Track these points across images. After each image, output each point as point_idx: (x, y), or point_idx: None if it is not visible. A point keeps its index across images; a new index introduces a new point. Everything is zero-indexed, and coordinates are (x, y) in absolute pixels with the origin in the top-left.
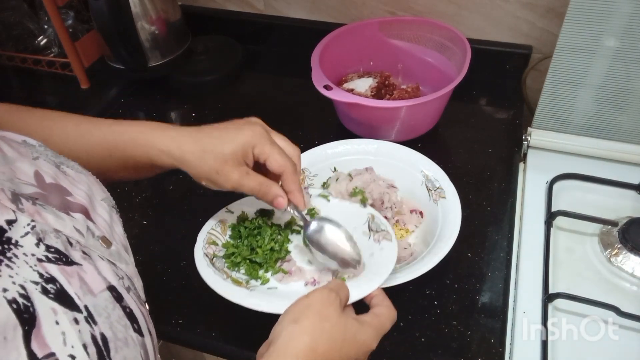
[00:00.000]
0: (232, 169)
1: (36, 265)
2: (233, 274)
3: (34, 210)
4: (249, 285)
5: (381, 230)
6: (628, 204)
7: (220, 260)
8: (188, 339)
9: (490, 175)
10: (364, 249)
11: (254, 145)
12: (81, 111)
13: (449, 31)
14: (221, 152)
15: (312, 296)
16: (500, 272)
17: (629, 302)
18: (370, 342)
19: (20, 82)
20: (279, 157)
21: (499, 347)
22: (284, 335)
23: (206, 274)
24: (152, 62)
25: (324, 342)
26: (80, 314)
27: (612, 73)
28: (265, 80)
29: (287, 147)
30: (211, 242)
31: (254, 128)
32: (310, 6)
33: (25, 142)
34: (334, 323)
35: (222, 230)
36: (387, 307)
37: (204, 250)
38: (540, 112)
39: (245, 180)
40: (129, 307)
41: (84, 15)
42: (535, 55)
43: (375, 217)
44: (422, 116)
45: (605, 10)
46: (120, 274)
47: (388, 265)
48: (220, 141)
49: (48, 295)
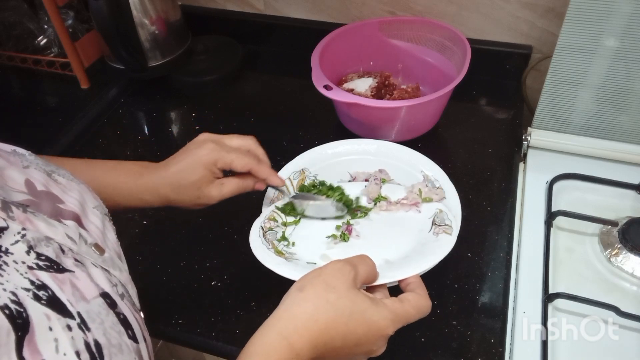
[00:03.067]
0: (209, 189)
1: (27, 272)
2: (280, 246)
3: (24, 218)
4: (289, 257)
5: (444, 224)
6: (628, 204)
7: (273, 233)
8: (188, 339)
9: (490, 175)
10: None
11: (214, 161)
12: (81, 111)
13: (449, 31)
14: (191, 182)
15: (325, 267)
16: (500, 272)
17: (629, 302)
18: (384, 324)
19: (20, 82)
20: (239, 160)
21: (499, 347)
22: (287, 302)
23: (254, 242)
24: (152, 62)
25: (326, 313)
26: (73, 320)
27: (612, 73)
28: (265, 80)
29: (242, 143)
30: (272, 218)
31: (206, 147)
32: (310, 6)
33: (15, 151)
34: (341, 295)
35: (287, 211)
36: (416, 295)
37: (262, 224)
38: (540, 112)
39: (224, 190)
40: (122, 314)
41: (84, 15)
42: (535, 55)
43: (442, 212)
44: (422, 116)
45: (605, 10)
46: (114, 281)
47: (436, 255)
48: (185, 174)
49: (40, 301)
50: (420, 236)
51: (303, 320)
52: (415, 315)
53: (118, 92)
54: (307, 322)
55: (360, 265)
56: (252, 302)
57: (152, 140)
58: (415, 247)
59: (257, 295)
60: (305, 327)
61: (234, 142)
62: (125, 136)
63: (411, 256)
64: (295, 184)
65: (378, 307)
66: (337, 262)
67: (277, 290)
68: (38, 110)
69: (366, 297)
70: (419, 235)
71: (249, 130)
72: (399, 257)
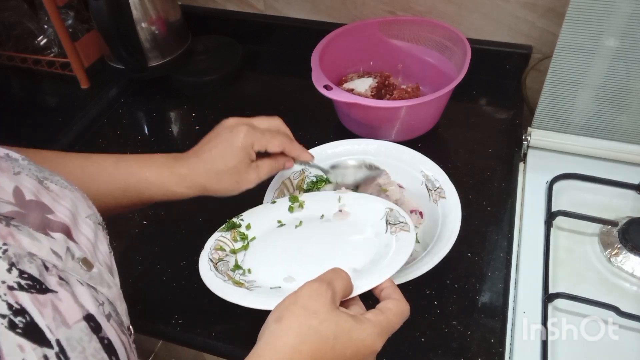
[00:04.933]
0: (247, 173)
1: (6, 294)
2: (236, 276)
3: (7, 233)
4: (250, 286)
5: (399, 222)
6: (628, 204)
7: (224, 264)
8: (188, 339)
9: (490, 175)
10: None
11: (251, 144)
12: (81, 111)
13: (449, 31)
14: (232, 167)
15: (300, 290)
16: (500, 272)
17: (629, 302)
18: (371, 341)
19: (20, 82)
20: (274, 140)
21: (499, 347)
22: (266, 335)
23: (206, 276)
24: (152, 62)
25: (311, 341)
26: (51, 349)
27: (612, 73)
28: (265, 80)
29: (271, 124)
30: (219, 247)
31: (240, 130)
32: (310, 6)
33: (8, 155)
34: (323, 319)
35: (233, 237)
36: (395, 301)
37: (210, 256)
38: (540, 112)
39: (261, 172)
40: (107, 338)
41: (84, 15)
42: (535, 55)
43: (393, 210)
44: (422, 116)
45: (605, 10)
46: (101, 299)
47: (402, 255)
48: (224, 159)
49: (15, 330)
50: (379, 238)
51: (286, 352)
52: (399, 323)
53: (118, 92)
54: (290, 354)
55: (335, 280)
56: None
57: (152, 140)
58: (378, 250)
59: None
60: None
61: (264, 123)
62: (125, 136)
63: (376, 259)
64: (295, 184)
65: (362, 324)
66: (312, 283)
67: None
68: (38, 110)
69: (349, 317)
70: (377, 237)
71: None
72: (365, 263)
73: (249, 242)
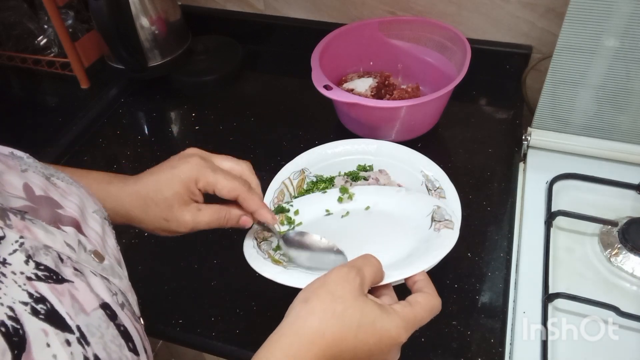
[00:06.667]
0: (180, 212)
1: (25, 284)
2: (276, 255)
3: (22, 226)
4: (287, 266)
5: (444, 220)
6: (628, 204)
7: (268, 243)
8: (188, 339)
9: (490, 175)
10: (422, 238)
11: (195, 179)
12: (81, 111)
13: (449, 31)
14: (163, 198)
15: (329, 274)
16: (500, 272)
17: (629, 302)
18: (395, 333)
19: (20, 82)
20: (226, 182)
21: (499, 347)
22: (292, 315)
23: (247, 252)
24: (152, 62)
25: (334, 326)
26: (72, 334)
27: (612, 73)
28: (265, 80)
29: (234, 166)
30: (266, 228)
31: (191, 161)
32: (310, 6)
33: (13, 153)
34: (348, 305)
35: (280, 221)
36: (426, 295)
37: (255, 235)
38: (540, 112)
39: (200, 217)
40: (123, 325)
41: (84, 15)
42: (535, 55)
43: (440, 208)
44: (422, 116)
45: (605, 10)
46: (114, 290)
47: (440, 251)
48: (159, 186)
49: (38, 316)
50: (421, 234)
51: (309, 335)
52: (427, 318)
53: (118, 92)
54: (313, 337)
55: (365, 267)
56: (252, 302)
57: (152, 140)
58: (418, 245)
59: (257, 296)
60: (312, 342)
61: (225, 163)
62: (125, 136)
63: (415, 254)
64: (295, 184)
65: (388, 315)
66: (342, 268)
67: (277, 290)
68: (38, 110)
69: (375, 306)
70: (419, 233)
71: (249, 130)
72: (402, 256)
73: (295, 227)
